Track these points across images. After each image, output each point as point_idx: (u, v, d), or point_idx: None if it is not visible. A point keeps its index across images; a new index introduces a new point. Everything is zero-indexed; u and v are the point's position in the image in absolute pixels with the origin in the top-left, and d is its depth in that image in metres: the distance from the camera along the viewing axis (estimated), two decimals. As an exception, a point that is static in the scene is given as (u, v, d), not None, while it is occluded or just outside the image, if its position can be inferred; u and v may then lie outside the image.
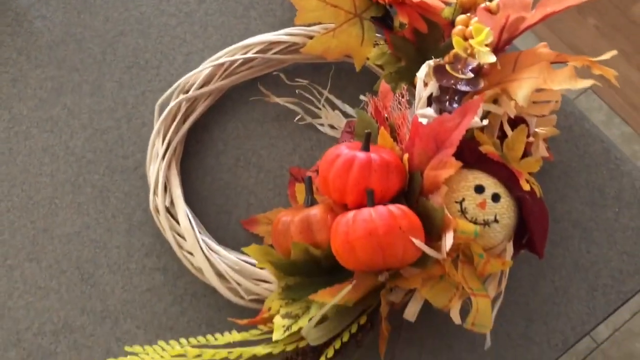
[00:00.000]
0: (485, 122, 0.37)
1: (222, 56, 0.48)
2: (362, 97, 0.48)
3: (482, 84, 0.38)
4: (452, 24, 0.45)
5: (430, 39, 0.45)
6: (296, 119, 0.49)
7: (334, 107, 0.49)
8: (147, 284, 0.45)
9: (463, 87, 0.38)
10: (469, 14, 0.42)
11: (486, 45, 0.36)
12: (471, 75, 0.37)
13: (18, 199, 0.47)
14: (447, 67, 0.37)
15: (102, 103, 0.50)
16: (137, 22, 0.53)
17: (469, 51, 0.36)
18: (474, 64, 0.37)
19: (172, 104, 0.46)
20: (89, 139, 0.49)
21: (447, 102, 0.39)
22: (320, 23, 0.48)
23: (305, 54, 0.48)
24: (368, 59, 0.47)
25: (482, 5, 0.41)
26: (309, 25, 0.49)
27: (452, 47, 0.40)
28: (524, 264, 0.44)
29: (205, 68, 0.47)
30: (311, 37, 0.48)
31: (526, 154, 0.40)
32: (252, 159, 0.49)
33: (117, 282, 0.45)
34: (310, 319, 0.35)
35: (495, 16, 0.39)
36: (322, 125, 0.49)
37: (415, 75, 0.43)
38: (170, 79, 0.51)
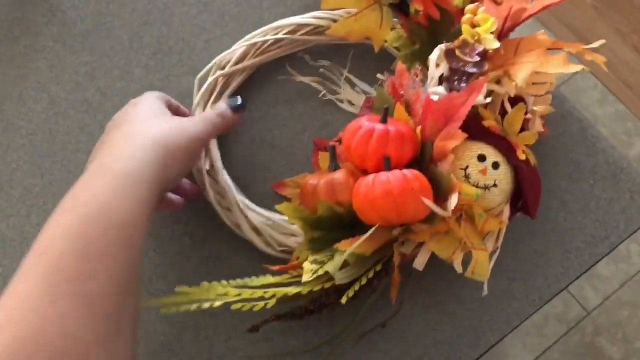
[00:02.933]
0: (489, 99, 0.43)
1: (255, 36, 0.54)
2: (379, 75, 0.54)
3: (487, 67, 0.44)
4: (462, 11, 0.50)
5: (442, 25, 0.51)
6: (321, 94, 0.54)
7: (352, 85, 0.55)
8: (176, 247, 0.51)
9: (470, 69, 0.43)
10: (476, 3, 0.47)
11: (491, 32, 0.42)
12: (477, 58, 0.43)
13: (59, 173, 0.53)
14: (457, 52, 0.43)
15: (131, 86, 0.56)
16: (160, 11, 0.58)
17: (475, 38, 0.42)
18: (480, 49, 0.43)
19: (210, 79, 0.52)
20: (125, 115, 0.55)
21: (456, 82, 0.44)
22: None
23: (329, 35, 0.53)
24: (386, 41, 0.53)
25: (489, -4, 0.46)
26: (333, 10, 0.54)
27: (461, 32, 0.46)
28: (507, 232, 0.50)
29: (239, 47, 0.53)
30: (335, 21, 0.53)
31: (524, 128, 0.46)
32: (275, 133, 0.54)
33: (149, 245, 0.51)
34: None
35: (500, 7, 0.44)
36: (341, 101, 0.55)
37: (427, 57, 0.48)
38: (191, 64, 0.56)
